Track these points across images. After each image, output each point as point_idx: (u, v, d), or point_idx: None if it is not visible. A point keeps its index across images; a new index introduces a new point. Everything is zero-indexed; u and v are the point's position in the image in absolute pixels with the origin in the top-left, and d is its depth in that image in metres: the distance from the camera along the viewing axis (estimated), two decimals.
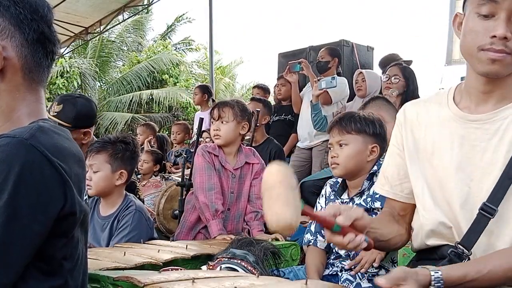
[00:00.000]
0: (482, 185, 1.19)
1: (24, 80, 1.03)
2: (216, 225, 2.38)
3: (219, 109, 2.53)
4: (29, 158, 0.89)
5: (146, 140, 5.19)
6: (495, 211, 1.15)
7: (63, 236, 0.98)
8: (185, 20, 18.57)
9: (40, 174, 0.90)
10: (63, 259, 1.00)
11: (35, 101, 1.06)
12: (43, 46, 1.05)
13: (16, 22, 1.01)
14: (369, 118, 1.96)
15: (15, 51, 1.01)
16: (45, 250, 0.95)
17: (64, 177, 0.94)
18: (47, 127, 0.99)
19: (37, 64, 1.05)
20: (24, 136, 0.91)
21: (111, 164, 2.21)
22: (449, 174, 1.24)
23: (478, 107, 1.24)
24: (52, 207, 0.93)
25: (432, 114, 1.32)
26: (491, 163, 1.19)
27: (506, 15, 1.11)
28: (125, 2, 8.09)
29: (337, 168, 1.93)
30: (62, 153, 0.96)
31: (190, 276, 1.26)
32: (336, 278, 1.92)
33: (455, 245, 1.20)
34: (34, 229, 0.91)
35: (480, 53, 1.15)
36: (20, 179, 0.88)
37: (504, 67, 1.14)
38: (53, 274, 0.98)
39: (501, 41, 1.11)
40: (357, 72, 4.06)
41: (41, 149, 0.91)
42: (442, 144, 1.28)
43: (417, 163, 1.33)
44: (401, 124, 1.39)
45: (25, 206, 0.89)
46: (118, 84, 16.63)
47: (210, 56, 7.94)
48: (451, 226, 1.24)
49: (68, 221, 0.97)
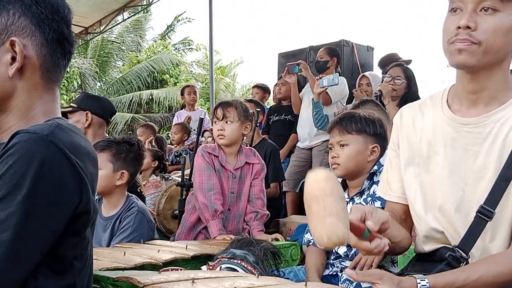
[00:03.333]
0: (476, 189, 1.20)
1: (42, 79, 1.04)
2: (215, 225, 2.38)
3: (223, 109, 2.52)
4: (48, 154, 0.90)
5: (147, 140, 5.20)
6: (493, 214, 1.15)
7: (76, 235, 0.98)
8: (185, 20, 18.59)
9: (58, 171, 0.91)
10: (74, 258, 1.00)
11: (51, 101, 1.07)
12: (62, 46, 1.06)
13: (37, 22, 1.02)
14: (370, 118, 1.95)
15: (35, 50, 1.02)
16: (57, 248, 0.94)
17: (81, 175, 0.95)
18: (64, 125, 1.00)
19: (55, 63, 1.06)
20: (44, 133, 0.91)
21: (113, 164, 2.21)
22: (443, 178, 1.25)
23: (469, 110, 1.24)
24: (68, 205, 0.93)
25: (427, 118, 1.32)
26: (484, 167, 1.19)
27: (472, 7, 1.13)
28: (125, 2, 8.09)
29: (338, 169, 1.92)
30: (79, 151, 0.97)
31: (190, 276, 1.25)
32: (336, 279, 1.92)
33: (453, 249, 1.20)
34: (50, 226, 0.91)
35: (450, 46, 1.17)
36: (39, 175, 0.88)
37: (471, 56, 1.14)
38: (63, 273, 0.98)
39: (465, 31, 1.13)
40: (361, 75, 4.04)
41: (60, 146, 0.92)
42: (436, 148, 1.28)
43: (412, 168, 1.33)
44: (398, 128, 1.40)
45: (42, 203, 0.89)
46: (118, 84, 16.64)
47: (210, 56, 7.93)
48: (443, 231, 1.24)
49: (82, 219, 0.97)
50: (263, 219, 2.55)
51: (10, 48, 0.99)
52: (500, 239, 1.18)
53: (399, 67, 3.48)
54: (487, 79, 1.19)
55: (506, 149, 1.16)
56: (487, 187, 1.17)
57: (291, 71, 4.16)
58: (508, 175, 1.15)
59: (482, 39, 1.12)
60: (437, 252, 1.27)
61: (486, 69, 1.18)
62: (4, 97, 1.01)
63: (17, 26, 1.00)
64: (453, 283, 1.07)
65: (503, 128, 1.18)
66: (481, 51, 1.13)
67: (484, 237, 1.18)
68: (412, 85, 3.36)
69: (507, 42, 1.15)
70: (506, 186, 1.15)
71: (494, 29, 1.12)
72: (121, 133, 14.24)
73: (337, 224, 0.91)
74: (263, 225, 2.57)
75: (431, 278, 1.07)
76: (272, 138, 4.16)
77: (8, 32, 1.00)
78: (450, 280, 1.07)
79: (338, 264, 1.95)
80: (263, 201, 2.57)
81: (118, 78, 16.96)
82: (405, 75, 3.36)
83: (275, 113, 4.82)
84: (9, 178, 0.87)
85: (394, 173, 1.40)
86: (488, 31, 1.12)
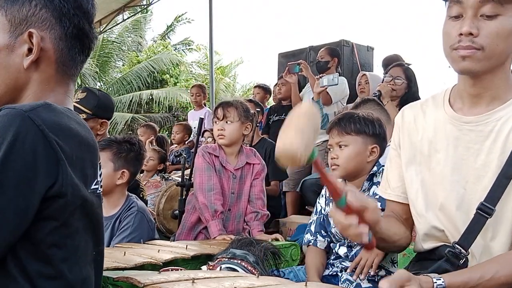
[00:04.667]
0: (478, 186, 1.20)
1: (56, 73, 1.04)
2: (215, 225, 2.38)
3: (223, 109, 2.53)
4: (22, 129, 0.87)
5: (148, 140, 5.21)
6: (493, 211, 1.15)
7: (52, 219, 0.94)
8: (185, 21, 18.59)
9: (31, 147, 0.88)
10: (53, 246, 0.95)
11: (63, 93, 1.06)
12: (81, 41, 1.06)
13: (58, 15, 1.01)
14: (369, 118, 1.94)
15: (53, 43, 1.02)
16: (33, 232, 0.91)
17: (59, 155, 0.91)
18: (57, 107, 0.97)
19: (72, 58, 1.05)
20: (23, 109, 0.89)
21: (114, 163, 2.22)
22: (445, 176, 1.25)
23: (471, 109, 1.24)
24: (39, 184, 0.89)
25: (428, 117, 1.33)
26: (485, 165, 1.19)
27: (472, 13, 1.13)
28: (125, 2, 8.10)
29: (337, 170, 1.92)
30: (64, 132, 0.94)
31: (190, 276, 1.26)
32: (336, 279, 1.92)
33: (453, 245, 1.21)
34: (19, 203, 0.87)
35: (452, 53, 1.17)
36: (11, 149, 0.86)
37: (475, 62, 1.14)
38: (42, 260, 0.94)
39: (468, 38, 1.12)
40: (361, 74, 4.05)
41: (38, 122, 0.89)
42: (438, 146, 1.28)
43: (413, 167, 1.33)
44: (399, 127, 1.40)
45: (11, 177, 0.86)
46: (118, 84, 16.64)
47: (210, 56, 7.94)
48: (443, 229, 1.25)
49: (57, 203, 0.92)
50: (263, 219, 2.55)
51: (28, 39, 0.99)
52: (502, 237, 1.18)
53: (399, 67, 3.48)
54: (490, 81, 1.20)
55: (507, 147, 1.17)
56: (489, 185, 1.17)
57: (291, 71, 4.16)
58: (510, 172, 1.15)
59: (484, 44, 1.12)
60: (436, 250, 1.28)
61: (489, 73, 1.18)
62: (17, 88, 1.01)
63: (37, 18, 1.00)
64: (467, 282, 1.07)
65: (505, 126, 1.18)
66: (484, 56, 1.13)
67: (485, 235, 1.18)
68: (412, 86, 3.35)
69: (509, 45, 1.15)
70: (507, 184, 1.15)
71: (496, 33, 1.12)
72: (121, 133, 14.24)
73: (296, 137, 0.94)
74: (263, 225, 2.57)
75: (446, 277, 1.07)
76: (272, 138, 4.16)
77: (28, 23, 1.00)
78: (465, 280, 1.07)
79: (338, 264, 1.95)
80: (263, 201, 2.58)
81: (118, 78, 16.96)
82: (405, 75, 3.36)
83: (275, 113, 4.82)
84: None
85: (394, 173, 1.40)
86: (490, 36, 1.12)
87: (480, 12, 1.12)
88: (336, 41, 5.05)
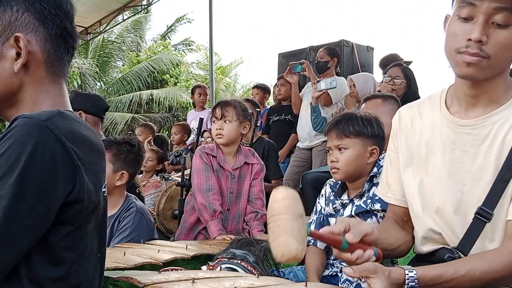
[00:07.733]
0: (475, 190, 1.20)
1: (47, 74, 1.06)
2: (215, 225, 2.38)
3: (222, 109, 2.53)
4: (42, 139, 0.90)
5: (146, 140, 5.21)
6: (491, 215, 1.15)
7: (68, 224, 0.97)
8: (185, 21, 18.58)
9: (51, 156, 0.91)
10: (66, 249, 0.98)
11: (59, 94, 1.08)
12: (65, 41, 1.08)
13: (40, 17, 1.03)
14: (367, 118, 1.92)
15: (39, 45, 1.04)
16: (47, 236, 0.94)
17: (76, 163, 0.94)
18: (69, 115, 1.00)
19: (59, 58, 1.07)
20: (41, 118, 0.92)
21: (113, 164, 2.22)
22: (442, 179, 1.25)
23: (468, 112, 1.24)
24: (59, 191, 0.92)
25: (425, 119, 1.32)
26: (482, 169, 1.19)
27: (483, 18, 1.10)
28: (125, 2, 8.10)
29: (338, 173, 1.91)
30: (78, 139, 0.97)
31: (190, 276, 1.26)
32: (336, 279, 1.92)
33: (452, 250, 1.21)
34: (40, 210, 0.90)
35: (457, 56, 1.14)
36: (31, 159, 0.88)
37: (479, 70, 1.13)
38: (55, 263, 0.97)
39: (476, 44, 1.10)
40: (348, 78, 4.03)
41: (56, 132, 0.92)
42: (434, 149, 1.28)
43: (411, 169, 1.33)
44: (396, 130, 1.40)
45: (32, 186, 0.89)
46: (118, 84, 16.63)
47: (210, 56, 7.93)
48: (440, 232, 1.25)
49: (74, 208, 0.96)
50: (263, 219, 2.55)
51: (15, 44, 1.01)
52: (499, 240, 1.17)
53: (398, 67, 3.49)
54: (488, 85, 1.19)
55: (504, 150, 1.16)
56: (486, 189, 1.17)
57: (293, 70, 4.16)
58: (507, 176, 1.15)
59: (491, 53, 1.11)
60: (436, 253, 1.27)
61: (489, 78, 1.18)
62: (12, 92, 1.03)
63: (21, 22, 1.02)
64: (440, 276, 1.07)
65: (501, 129, 1.18)
66: (489, 65, 1.12)
67: (483, 238, 1.18)
68: (411, 85, 3.36)
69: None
70: (505, 187, 1.15)
71: (504, 44, 1.11)
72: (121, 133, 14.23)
73: (290, 240, 0.98)
74: (263, 225, 2.57)
75: (419, 270, 1.07)
76: (272, 138, 4.17)
77: (13, 28, 1.01)
78: (438, 273, 1.08)
79: (338, 265, 1.95)
80: (262, 201, 2.58)
81: (118, 78, 16.94)
82: (404, 75, 3.36)
83: (275, 113, 4.82)
84: (4, 161, 0.88)
85: (394, 175, 1.40)
86: (498, 45, 1.11)
87: (492, 19, 1.10)
88: (336, 41, 5.05)
